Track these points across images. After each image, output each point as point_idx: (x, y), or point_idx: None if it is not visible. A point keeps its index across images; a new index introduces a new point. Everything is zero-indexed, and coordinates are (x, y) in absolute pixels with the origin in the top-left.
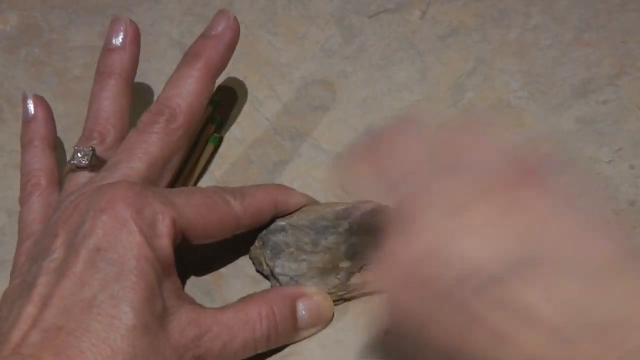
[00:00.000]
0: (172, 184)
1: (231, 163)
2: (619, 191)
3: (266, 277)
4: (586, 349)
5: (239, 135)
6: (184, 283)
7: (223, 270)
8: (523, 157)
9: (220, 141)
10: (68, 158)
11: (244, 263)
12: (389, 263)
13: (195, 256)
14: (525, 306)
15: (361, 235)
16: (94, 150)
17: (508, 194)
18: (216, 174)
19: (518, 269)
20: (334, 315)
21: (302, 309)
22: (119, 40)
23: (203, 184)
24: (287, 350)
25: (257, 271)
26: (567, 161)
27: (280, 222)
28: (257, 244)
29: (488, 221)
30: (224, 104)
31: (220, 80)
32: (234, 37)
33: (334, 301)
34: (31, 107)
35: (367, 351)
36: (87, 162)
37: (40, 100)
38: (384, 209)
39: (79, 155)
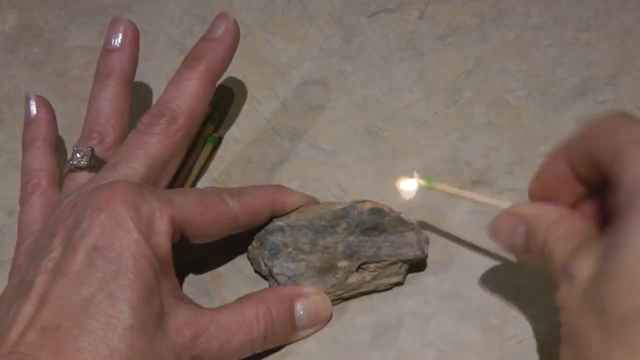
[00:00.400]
0: (171, 184)
1: (230, 163)
2: None
3: (264, 277)
4: None
5: (238, 134)
6: (182, 283)
7: (221, 270)
8: None
9: (218, 141)
10: (67, 158)
11: (242, 263)
12: None
13: (193, 256)
14: None
15: (359, 234)
16: (92, 150)
17: None
18: (214, 174)
19: None
20: (332, 315)
21: (300, 309)
22: (117, 40)
23: (201, 183)
24: (285, 349)
25: (255, 271)
26: None
27: (278, 222)
28: (254, 243)
29: None
30: (222, 103)
31: (219, 80)
32: (234, 40)
33: (332, 300)
34: (33, 107)
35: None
36: (85, 163)
37: (42, 101)
38: (382, 209)
39: (78, 155)
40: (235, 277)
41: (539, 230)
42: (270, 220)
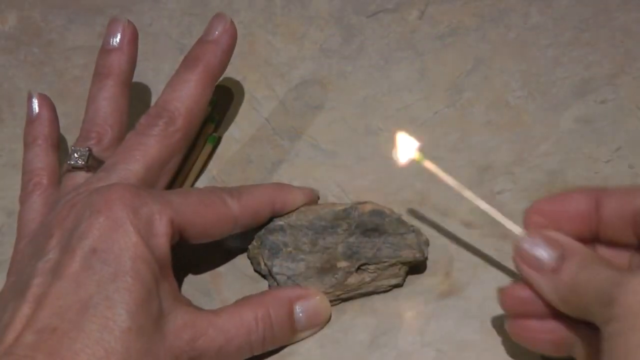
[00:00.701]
0: (170, 184)
1: (230, 163)
2: None
3: (264, 277)
4: None
5: (238, 134)
6: (182, 283)
7: (221, 269)
8: None
9: (218, 141)
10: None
11: (242, 262)
12: None
13: (193, 256)
14: None
15: (359, 235)
16: (90, 150)
17: None
18: (214, 173)
19: None
20: (331, 316)
21: (299, 311)
22: (116, 40)
23: (201, 183)
24: (285, 350)
25: (255, 270)
26: None
27: (279, 222)
28: (255, 243)
29: None
30: (222, 103)
31: (217, 81)
32: (231, 41)
33: (331, 301)
34: (35, 105)
35: None
36: (83, 163)
37: (44, 99)
38: (383, 210)
39: (76, 155)
40: (235, 277)
41: (576, 254)
42: (270, 219)
